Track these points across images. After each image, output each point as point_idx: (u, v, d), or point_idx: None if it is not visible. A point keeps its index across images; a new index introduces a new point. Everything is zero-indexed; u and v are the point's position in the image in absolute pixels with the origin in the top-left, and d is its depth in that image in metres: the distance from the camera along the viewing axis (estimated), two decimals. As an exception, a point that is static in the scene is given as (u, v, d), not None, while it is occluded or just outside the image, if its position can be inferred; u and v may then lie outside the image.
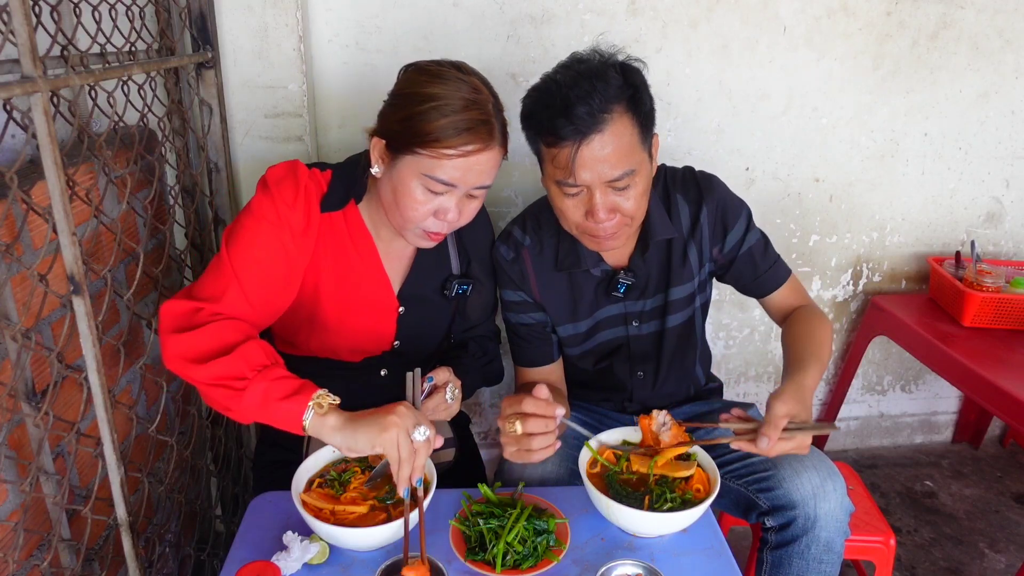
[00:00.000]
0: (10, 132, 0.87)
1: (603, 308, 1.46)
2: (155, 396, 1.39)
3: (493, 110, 1.15)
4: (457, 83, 1.12)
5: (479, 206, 1.23)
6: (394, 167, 1.16)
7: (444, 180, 1.13)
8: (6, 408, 0.92)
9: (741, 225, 1.42)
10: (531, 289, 1.44)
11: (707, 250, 1.43)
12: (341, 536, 1.03)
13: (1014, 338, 1.97)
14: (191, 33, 1.51)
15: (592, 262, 1.40)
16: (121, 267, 1.27)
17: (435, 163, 1.11)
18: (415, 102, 1.12)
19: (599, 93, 1.16)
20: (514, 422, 1.11)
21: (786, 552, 1.27)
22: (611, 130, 1.17)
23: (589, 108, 1.15)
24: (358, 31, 1.75)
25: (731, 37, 1.92)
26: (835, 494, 1.24)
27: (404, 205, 1.16)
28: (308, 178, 1.22)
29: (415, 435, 1.01)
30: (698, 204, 1.40)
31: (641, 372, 1.52)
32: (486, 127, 1.12)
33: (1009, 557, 2.06)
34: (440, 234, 1.21)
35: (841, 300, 2.35)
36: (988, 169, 2.22)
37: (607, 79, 1.18)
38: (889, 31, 1.99)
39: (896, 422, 2.59)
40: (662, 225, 1.38)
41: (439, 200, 1.16)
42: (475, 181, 1.15)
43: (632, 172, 1.21)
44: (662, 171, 1.43)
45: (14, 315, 0.93)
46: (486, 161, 1.14)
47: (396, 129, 1.14)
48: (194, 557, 1.54)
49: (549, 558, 1.04)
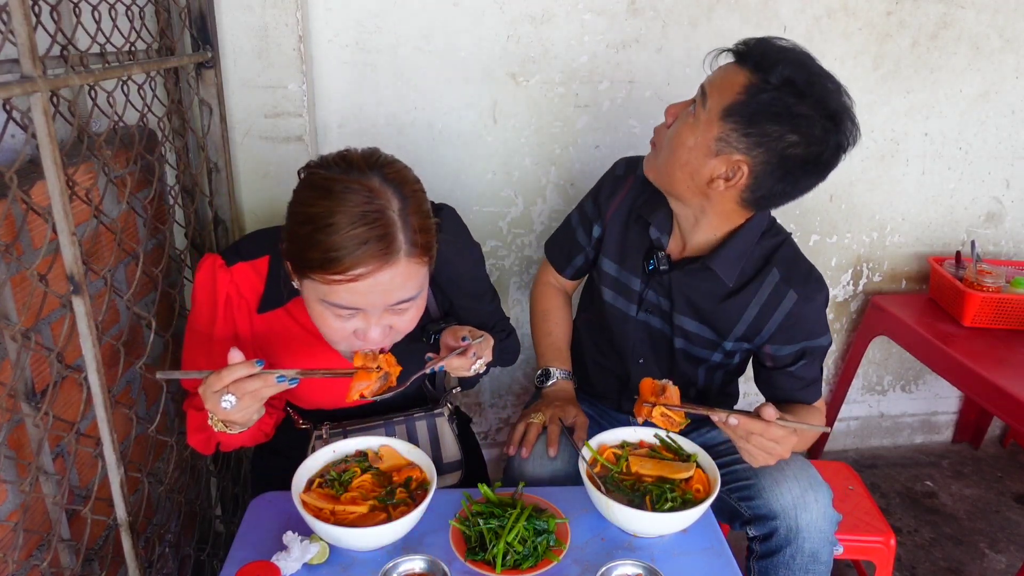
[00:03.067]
0: (10, 132, 0.87)
1: (641, 277, 1.41)
2: (155, 396, 1.39)
3: (397, 216, 0.95)
4: (344, 194, 0.94)
5: (416, 316, 1.07)
6: (302, 288, 1.04)
7: (344, 305, 0.98)
8: (6, 408, 0.91)
9: (810, 343, 1.31)
10: (610, 206, 1.45)
11: (763, 336, 1.32)
12: (341, 536, 1.03)
13: (1014, 338, 1.97)
14: (191, 33, 1.51)
15: (659, 225, 1.35)
16: (121, 267, 1.27)
17: (328, 289, 0.96)
18: (298, 224, 0.97)
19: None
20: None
21: (772, 562, 1.26)
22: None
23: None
24: (358, 31, 1.75)
25: (731, 37, 1.90)
26: (817, 504, 1.22)
27: (320, 328, 1.05)
28: (230, 285, 1.13)
29: (223, 404, 0.96)
30: (788, 289, 1.28)
31: (642, 360, 1.49)
32: (381, 243, 0.94)
33: (1009, 557, 2.06)
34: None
35: (841, 300, 2.35)
36: (988, 169, 2.22)
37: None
38: (889, 31, 1.99)
39: (896, 422, 2.59)
40: (729, 265, 1.29)
41: (353, 322, 1.02)
42: (384, 300, 0.99)
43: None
44: (782, 236, 1.34)
45: (14, 315, 0.93)
46: (391, 279, 0.96)
47: (288, 251, 1.01)
48: (194, 557, 1.54)
49: (549, 558, 1.04)
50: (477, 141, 1.91)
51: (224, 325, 1.15)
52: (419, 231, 0.98)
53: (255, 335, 1.18)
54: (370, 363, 1.02)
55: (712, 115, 1.18)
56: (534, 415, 1.38)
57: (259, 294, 1.15)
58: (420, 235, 0.98)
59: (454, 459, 1.36)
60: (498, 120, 1.89)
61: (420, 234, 0.98)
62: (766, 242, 1.32)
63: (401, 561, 1.00)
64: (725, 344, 1.37)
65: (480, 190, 1.96)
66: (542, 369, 1.53)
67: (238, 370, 0.95)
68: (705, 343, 1.39)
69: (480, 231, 1.88)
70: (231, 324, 1.15)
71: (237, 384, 0.96)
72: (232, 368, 0.95)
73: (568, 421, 1.38)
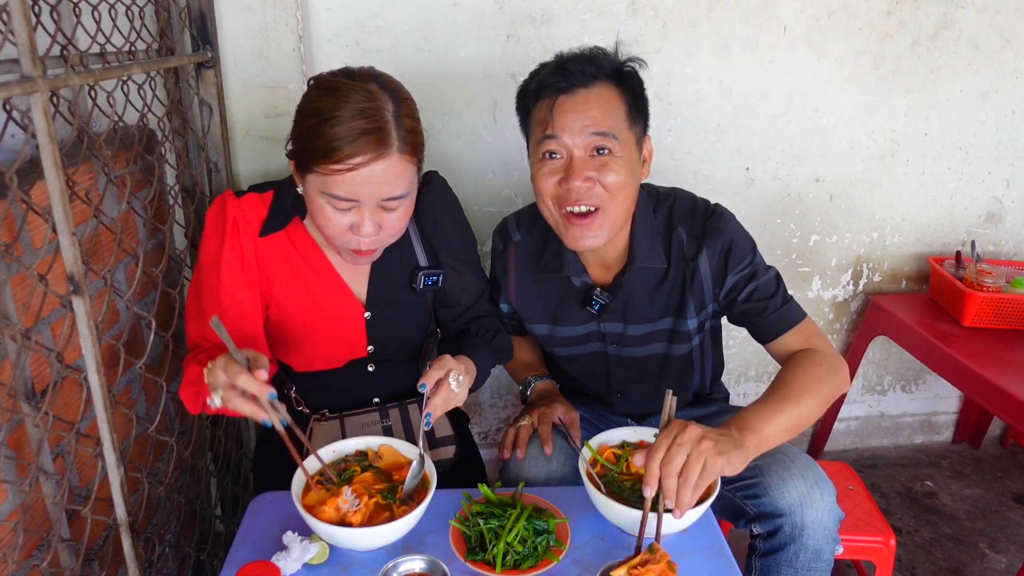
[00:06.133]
0: (10, 132, 0.87)
1: (585, 323, 1.44)
2: (155, 396, 1.39)
3: (391, 116, 1.08)
4: (347, 92, 1.07)
5: (403, 216, 1.17)
6: (305, 186, 1.15)
7: (342, 196, 1.09)
8: (6, 408, 0.91)
9: (744, 270, 1.34)
10: (508, 284, 1.47)
11: (709, 290, 1.37)
12: (341, 536, 1.03)
13: (1014, 338, 1.97)
14: (191, 33, 1.51)
15: (575, 270, 1.39)
16: (121, 267, 1.27)
17: (329, 180, 1.07)
18: (305, 118, 1.10)
19: (592, 62, 1.22)
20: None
21: (774, 560, 1.26)
22: (598, 91, 1.22)
23: (581, 68, 1.21)
24: (358, 31, 1.75)
25: (731, 37, 1.92)
26: (823, 502, 1.22)
27: (320, 224, 1.15)
28: (237, 210, 1.22)
29: (207, 401, 1.02)
30: (699, 243, 1.34)
31: (620, 393, 1.51)
32: (377, 135, 1.06)
33: (1009, 557, 2.06)
34: (366, 252, 1.18)
35: (841, 300, 2.35)
36: (988, 169, 2.22)
37: (603, 55, 1.25)
38: (889, 31, 1.99)
39: (896, 422, 2.59)
40: (651, 252, 1.34)
41: (349, 216, 1.12)
42: (377, 193, 1.10)
43: (615, 139, 1.21)
44: (671, 197, 1.39)
45: (14, 315, 0.93)
46: (384, 171, 1.08)
47: (294, 149, 1.13)
48: (194, 557, 1.54)
49: (549, 558, 1.04)
50: (477, 141, 1.91)
51: (232, 250, 1.21)
52: (410, 132, 1.11)
53: (259, 261, 1.25)
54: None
55: (627, 137, 1.24)
56: (522, 419, 1.39)
57: (262, 220, 1.24)
58: (411, 135, 1.11)
59: (447, 434, 1.40)
60: (498, 120, 1.89)
61: (411, 135, 1.11)
62: (660, 211, 1.38)
63: (401, 561, 1.00)
64: (689, 322, 1.40)
65: (480, 190, 1.96)
66: (521, 384, 1.55)
67: (252, 386, 0.98)
68: (681, 334, 1.42)
69: (480, 231, 1.87)
70: (238, 249, 1.22)
71: (232, 392, 0.98)
72: (250, 380, 0.97)
73: (555, 418, 1.38)
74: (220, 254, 1.21)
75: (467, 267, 1.41)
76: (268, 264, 1.26)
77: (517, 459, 1.33)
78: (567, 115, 1.20)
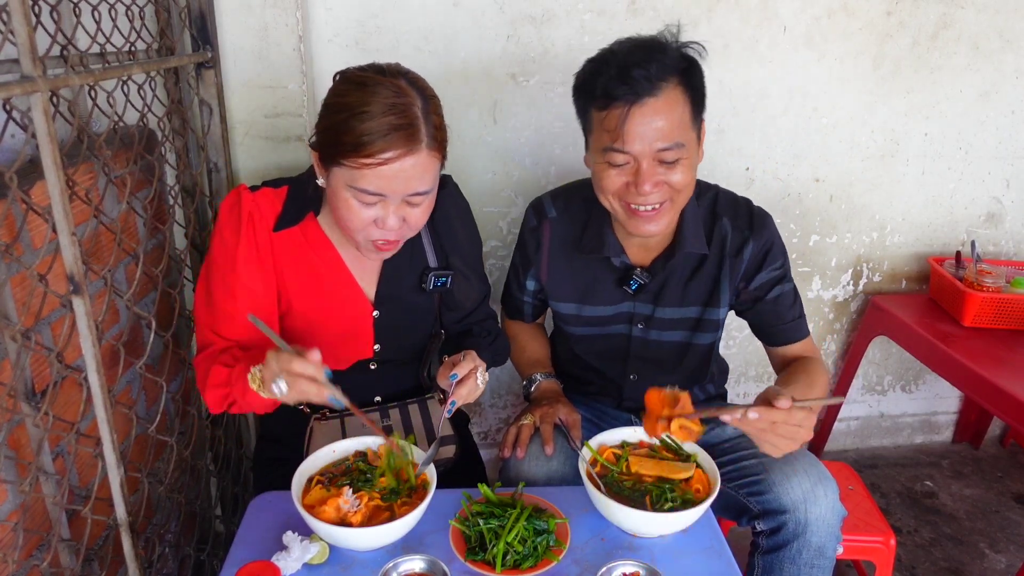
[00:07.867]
0: (10, 132, 0.87)
1: (616, 304, 1.46)
2: (155, 396, 1.39)
3: (420, 112, 1.08)
4: (376, 88, 1.07)
5: (426, 212, 1.18)
6: (329, 179, 1.14)
7: (370, 190, 1.09)
8: (6, 408, 0.91)
9: (777, 271, 1.41)
10: (541, 261, 1.48)
11: (737, 283, 1.42)
12: (341, 536, 1.03)
13: (1014, 338, 1.97)
14: (191, 33, 1.51)
15: (615, 251, 1.40)
16: (121, 267, 1.27)
17: (357, 173, 1.08)
18: (334, 112, 1.10)
19: (656, 61, 1.19)
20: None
21: (777, 557, 1.26)
22: (665, 98, 1.19)
23: (646, 73, 1.18)
24: (358, 31, 1.75)
25: (731, 37, 1.92)
26: (826, 499, 1.23)
27: (343, 218, 1.15)
28: (252, 203, 1.22)
29: (274, 388, 1.04)
30: (745, 236, 1.39)
31: (635, 376, 1.52)
32: (407, 131, 1.06)
33: (1009, 557, 2.06)
34: (389, 244, 1.19)
35: (841, 300, 2.35)
36: (988, 169, 2.22)
37: (665, 51, 1.22)
38: (889, 31, 1.99)
39: (896, 422, 2.59)
40: (695, 238, 1.37)
41: (374, 211, 1.12)
42: (404, 189, 1.10)
43: (683, 146, 1.22)
44: (714, 190, 1.44)
45: (14, 315, 0.93)
46: (412, 167, 1.09)
47: (322, 141, 1.13)
48: (194, 557, 1.54)
49: (549, 558, 1.04)
50: (477, 141, 1.91)
51: (247, 243, 1.21)
52: (438, 128, 1.12)
53: (273, 254, 1.26)
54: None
55: (691, 139, 1.25)
56: (524, 417, 1.39)
57: (277, 214, 1.25)
58: (438, 132, 1.12)
59: (447, 434, 1.40)
60: (498, 120, 1.89)
61: (438, 131, 1.12)
62: (703, 200, 1.41)
63: (401, 561, 1.00)
64: (721, 311, 1.43)
65: (480, 190, 1.96)
66: (525, 380, 1.55)
67: (307, 368, 1.02)
68: (708, 323, 1.44)
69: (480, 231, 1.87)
70: (253, 243, 1.22)
71: (295, 378, 1.02)
72: (304, 363, 1.02)
73: (557, 418, 1.38)
74: (236, 247, 1.21)
75: (474, 272, 1.43)
76: (281, 259, 1.26)
77: (517, 458, 1.33)
78: (635, 128, 1.19)
